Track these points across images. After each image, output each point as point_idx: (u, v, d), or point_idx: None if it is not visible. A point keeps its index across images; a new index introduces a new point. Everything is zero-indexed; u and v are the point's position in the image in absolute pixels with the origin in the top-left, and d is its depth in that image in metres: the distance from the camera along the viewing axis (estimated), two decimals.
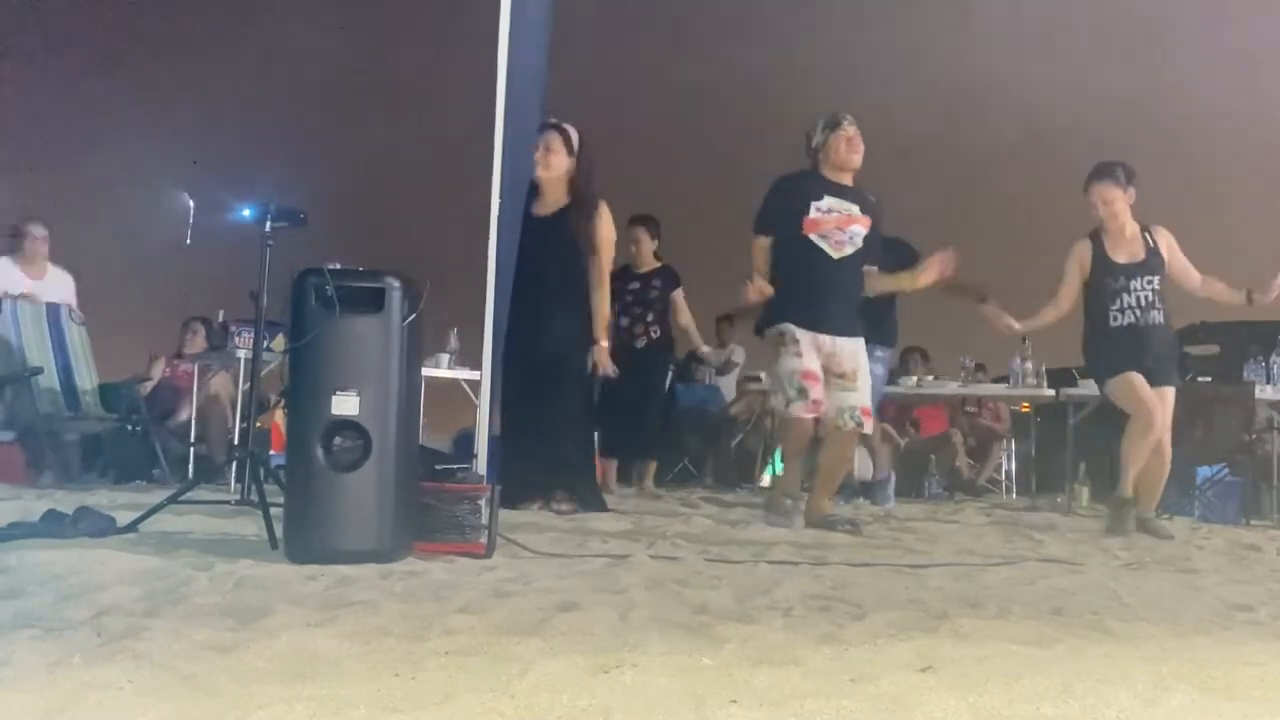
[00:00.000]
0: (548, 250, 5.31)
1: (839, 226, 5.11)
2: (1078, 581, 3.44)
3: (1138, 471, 5.35)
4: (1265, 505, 6.72)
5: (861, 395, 5.12)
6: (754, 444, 9.35)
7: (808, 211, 5.11)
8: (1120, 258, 5.39)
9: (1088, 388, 7.54)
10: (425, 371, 5.02)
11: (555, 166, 5.46)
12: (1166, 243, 5.44)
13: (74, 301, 6.99)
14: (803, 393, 5.01)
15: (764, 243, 5.24)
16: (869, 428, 5.27)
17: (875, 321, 6.17)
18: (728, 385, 10.00)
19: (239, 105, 12.93)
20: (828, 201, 5.12)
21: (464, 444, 6.78)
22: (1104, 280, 5.40)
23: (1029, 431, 8.98)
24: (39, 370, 6.59)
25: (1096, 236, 5.45)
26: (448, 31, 10.66)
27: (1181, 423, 6.61)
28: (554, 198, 5.50)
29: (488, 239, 3.97)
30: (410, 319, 3.34)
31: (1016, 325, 5.63)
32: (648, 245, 6.98)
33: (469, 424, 5.99)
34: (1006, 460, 8.93)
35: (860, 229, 5.16)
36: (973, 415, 9.07)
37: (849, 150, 5.15)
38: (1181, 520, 6.29)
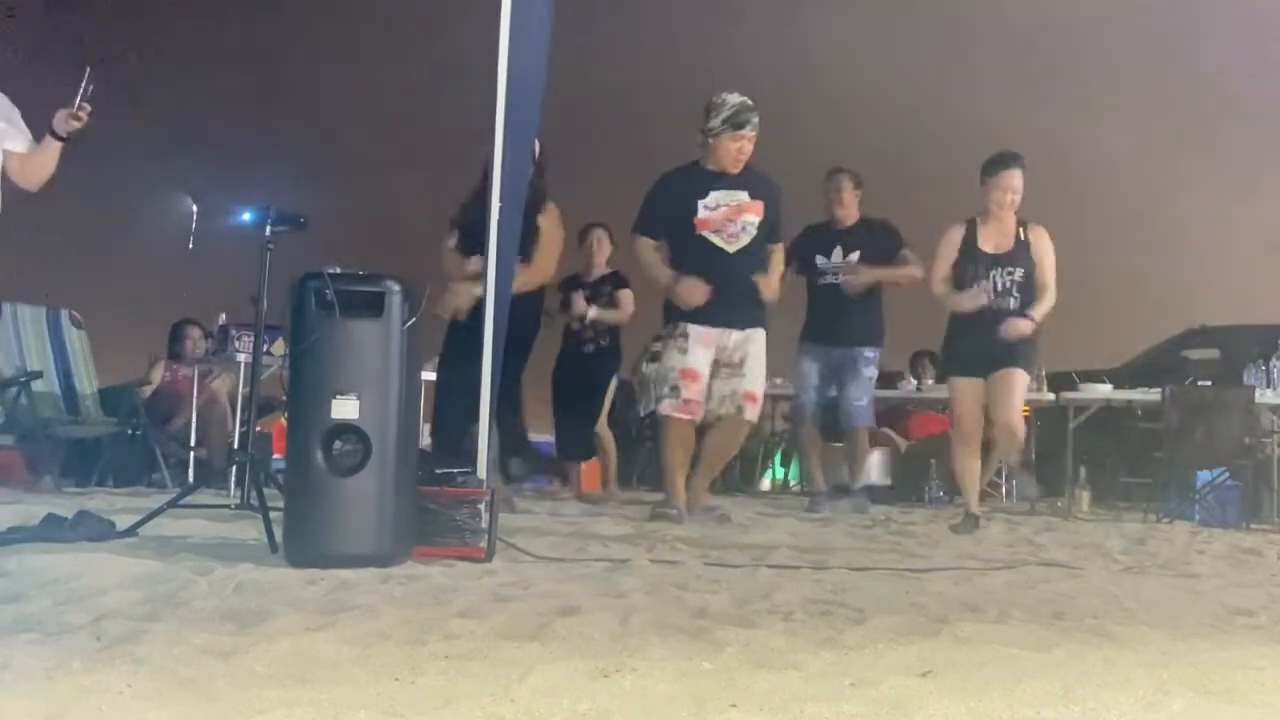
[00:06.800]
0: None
1: (729, 219, 5.10)
2: (1078, 586, 3.44)
3: (975, 480, 5.59)
4: (1266, 509, 6.71)
5: (749, 381, 5.10)
6: (753, 448, 9.34)
7: (696, 211, 5.10)
8: (987, 247, 5.40)
9: (1088, 391, 7.57)
10: (425, 375, 5.01)
11: None
12: (1042, 242, 5.42)
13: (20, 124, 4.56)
14: (675, 390, 5.01)
15: (648, 243, 5.22)
16: (751, 414, 5.23)
17: (864, 322, 6.32)
18: None
19: (239, 110, 12.95)
20: (714, 196, 5.11)
21: None
22: (965, 266, 5.42)
23: (1029, 435, 8.94)
24: (38, 374, 6.58)
25: (972, 224, 5.46)
26: (448, 34, 10.66)
27: (1182, 427, 6.66)
28: None
29: (487, 242, 3.97)
30: (410, 322, 3.35)
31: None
32: (607, 249, 6.87)
33: None
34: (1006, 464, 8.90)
35: (753, 217, 5.14)
36: None
37: (734, 160, 5.11)
38: (1182, 524, 6.29)
